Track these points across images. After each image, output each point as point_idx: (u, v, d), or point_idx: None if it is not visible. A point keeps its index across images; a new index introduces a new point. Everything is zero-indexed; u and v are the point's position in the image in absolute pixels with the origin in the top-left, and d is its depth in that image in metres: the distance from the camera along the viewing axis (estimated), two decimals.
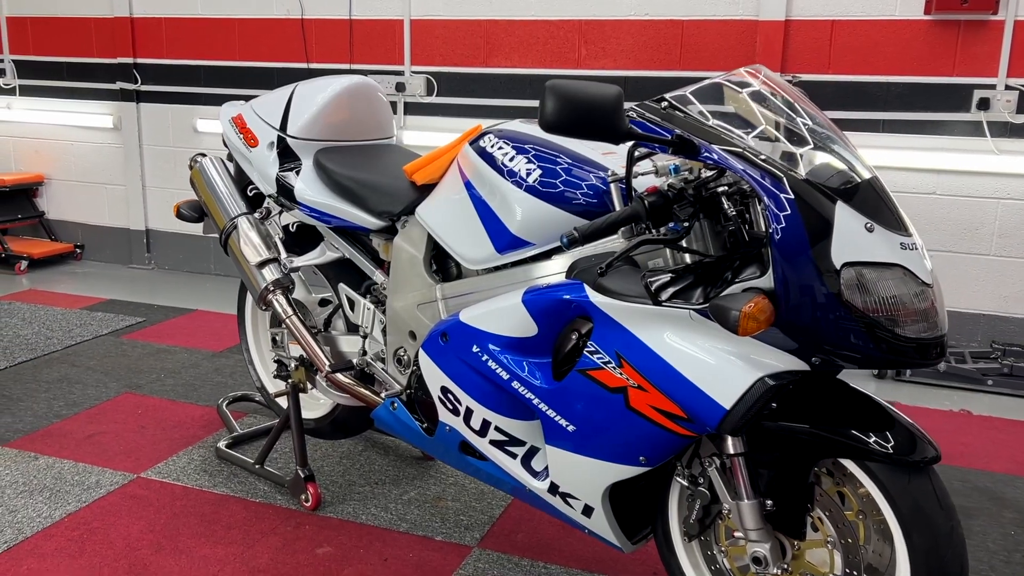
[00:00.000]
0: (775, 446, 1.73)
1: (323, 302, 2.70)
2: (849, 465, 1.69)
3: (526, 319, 1.87)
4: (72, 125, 5.45)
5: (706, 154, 1.62)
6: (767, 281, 1.57)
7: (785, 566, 1.78)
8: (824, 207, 1.55)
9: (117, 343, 3.97)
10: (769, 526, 1.76)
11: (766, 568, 1.75)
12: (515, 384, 1.91)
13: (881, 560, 1.76)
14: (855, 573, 1.73)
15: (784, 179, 1.56)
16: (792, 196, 1.55)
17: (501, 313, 1.91)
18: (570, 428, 1.84)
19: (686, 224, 1.65)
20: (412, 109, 4.70)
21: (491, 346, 1.94)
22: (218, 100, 4.81)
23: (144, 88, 5.23)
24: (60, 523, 2.44)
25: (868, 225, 1.56)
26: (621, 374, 1.73)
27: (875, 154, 3.96)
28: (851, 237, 1.54)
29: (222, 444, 2.85)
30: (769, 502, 1.74)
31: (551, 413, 1.86)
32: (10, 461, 2.80)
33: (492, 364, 1.94)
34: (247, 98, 2.74)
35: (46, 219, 5.68)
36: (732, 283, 1.61)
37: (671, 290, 1.66)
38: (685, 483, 1.86)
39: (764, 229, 1.57)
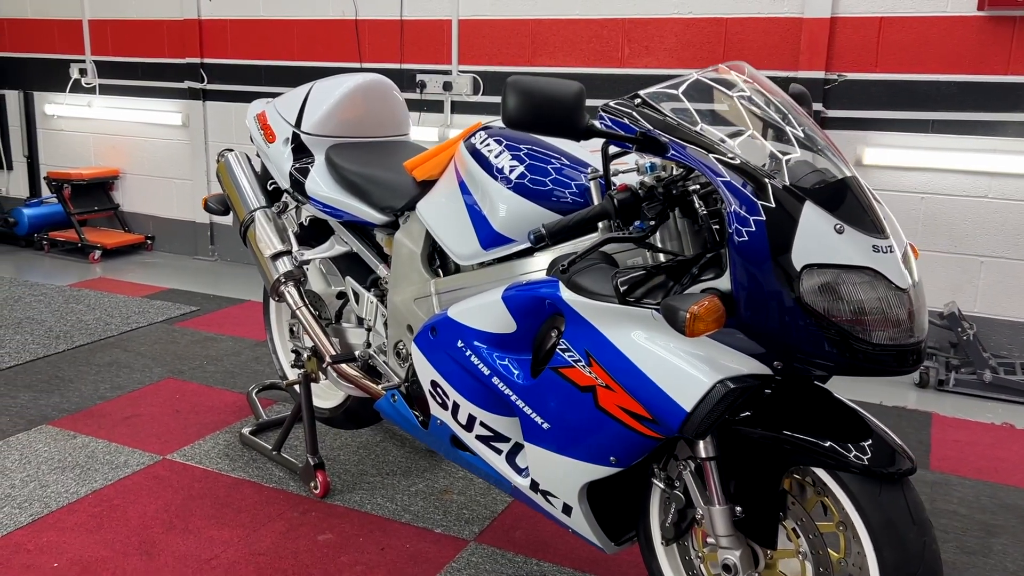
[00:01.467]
0: (747, 451, 1.71)
1: (340, 295, 2.77)
2: (822, 475, 1.65)
3: (505, 316, 1.89)
4: (145, 122, 5.72)
5: (672, 152, 1.61)
6: (726, 282, 1.55)
7: (756, 575, 1.75)
8: (790, 207, 1.52)
9: (169, 330, 4.16)
10: (740, 534, 1.73)
11: None
12: (495, 380, 1.94)
13: (862, 573, 1.72)
14: None
15: (747, 177, 1.54)
16: (753, 194, 1.52)
17: (483, 309, 1.94)
18: (545, 426, 1.85)
19: (652, 222, 1.64)
20: (459, 108, 4.76)
21: (474, 342, 1.97)
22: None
23: (210, 87, 5.44)
24: (84, 499, 2.58)
25: (838, 226, 1.52)
26: (590, 373, 1.73)
27: (924, 156, 3.82)
28: (817, 238, 1.51)
29: (246, 430, 2.96)
30: (739, 508, 1.72)
31: (528, 410, 1.88)
32: (50, 438, 2.96)
33: (475, 360, 1.97)
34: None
35: (121, 211, 5.97)
36: (695, 283, 1.60)
37: (638, 289, 1.66)
38: (662, 486, 1.85)
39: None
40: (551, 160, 2.00)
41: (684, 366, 1.59)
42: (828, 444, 1.60)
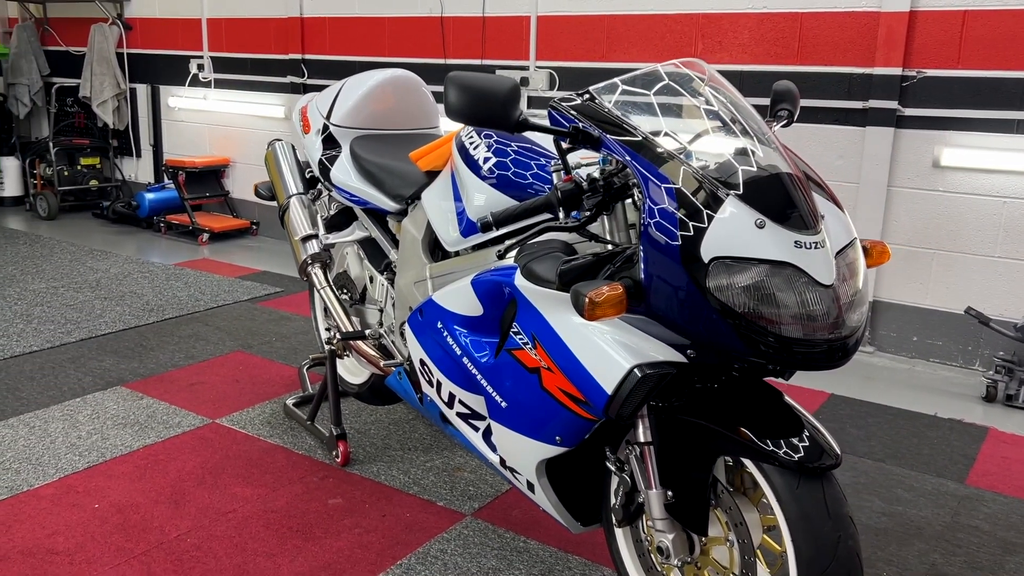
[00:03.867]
0: (683, 439, 1.73)
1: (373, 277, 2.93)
2: (750, 467, 1.66)
3: (473, 299, 1.99)
4: (252, 115, 6.11)
5: (605, 145, 1.66)
6: (639, 271, 1.58)
7: (688, 559, 1.78)
8: (709, 200, 1.53)
9: (250, 309, 4.46)
10: (673, 519, 1.76)
11: (668, 559, 1.76)
12: (464, 360, 2.03)
13: None
14: (750, 574, 1.70)
15: (667, 169, 1.57)
16: (671, 185, 1.55)
17: (457, 293, 2.04)
18: (503, 404, 1.94)
19: (588, 213, 1.69)
20: (535, 103, 4.85)
21: (450, 324, 2.07)
22: None
23: (309, 81, 5.75)
24: (135, 453, 2.85)
25: (758, 221, 1.53)
26: (536, 355, 1.80)
27: (1008, 157, 3.62)
28: (733, 232, 1.51)
29: (289, 401, 3.17)
30: (669, 493, 1.75)
31: (490, 389, 1.97)
32: (121, 398, 3.28)
33: (450, 340, 2.07)
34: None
35: (230, 198, 6.40)
36: (622, 271, 1.64)
37: (579, 277, 1.71)
38: (613, 469, 1.90)
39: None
40: (537, 156, 2.07)
41: (608, 350, 1.64)
42: (753, 436, 1.61)
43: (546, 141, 2.14)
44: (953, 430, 3.22)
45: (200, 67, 6.27)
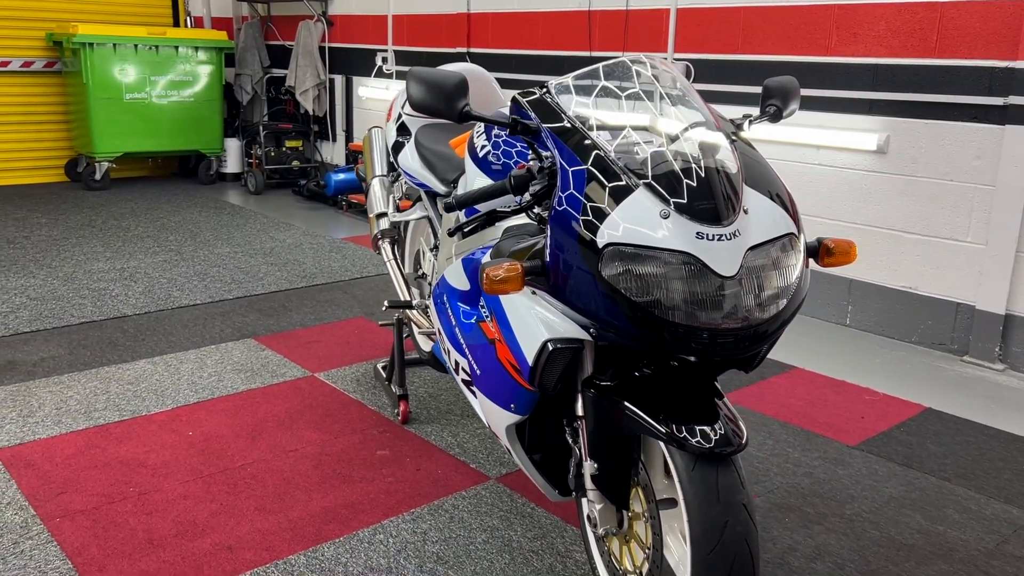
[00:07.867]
0: (609, 416, 1.83)
1: None
2: (662, 447, 1.73)
3: (463, 276, 2.18)
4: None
5: (542, 135, 1.78)
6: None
7: (615, 531, 1.87)
8: (617, 189, 1.61)
9: (386, 280, 4.88)
10: (599, 490, 1.86)
11: (595, 528, 1.87)
12: (457, 330, 2.23)
13: None
14: (659, 551, 1.77)
15: (585, 157, 1.66)
16: (583, 172, 1.65)
17: (455, 270, 2.25)
18: (478, 372, 2.12)
19: (528, 198, 1.83)
20: None
21: (452, 298, 2.28)
22: (523, 85, 5.50)
23: None
24: (238, 394, 3.30)
25: (663, 212, 1.59)
26: (492, 328, 1.97)
27: None
28: (634, 221, 1.58)
29: (379, 364, 3.51)
30: (595, 465, 1.85)
31: (470, 356, 2.16)
32: (246, 348, 3.77)
33: (450, 313, 2.28)
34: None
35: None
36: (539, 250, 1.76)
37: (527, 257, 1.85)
38: (569, 441, 2.02)
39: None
40: (507, 141, 2.21)
41: (531, 324, 1.77)
42: (669, 421, 1.67)
43: None
44: None
45: (384, 60, 6.83)
